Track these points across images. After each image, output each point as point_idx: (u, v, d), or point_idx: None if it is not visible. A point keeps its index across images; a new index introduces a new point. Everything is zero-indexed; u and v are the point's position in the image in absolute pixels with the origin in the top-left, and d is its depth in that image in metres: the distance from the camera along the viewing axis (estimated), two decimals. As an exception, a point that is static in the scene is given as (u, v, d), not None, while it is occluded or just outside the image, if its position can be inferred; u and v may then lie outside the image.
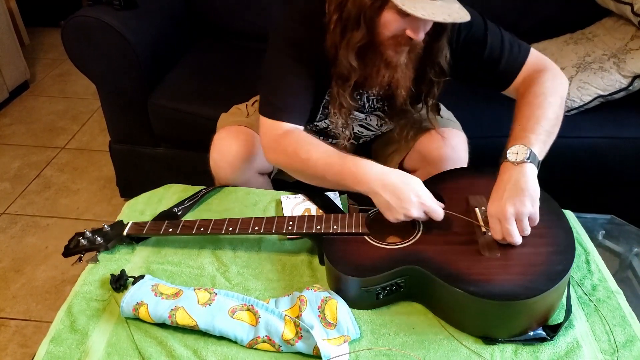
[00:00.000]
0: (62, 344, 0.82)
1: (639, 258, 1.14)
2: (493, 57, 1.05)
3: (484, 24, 1.05)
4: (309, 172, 0.99)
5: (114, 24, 1.48)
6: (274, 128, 1.03)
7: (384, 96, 1.16)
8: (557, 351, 0.81)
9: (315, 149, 0.98)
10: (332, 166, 0.95)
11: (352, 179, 0.92)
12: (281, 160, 1.03)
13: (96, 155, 2.20)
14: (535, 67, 1.05)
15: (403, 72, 1.01)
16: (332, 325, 0.81)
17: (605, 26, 1.63)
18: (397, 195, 0.88)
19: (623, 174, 1.54)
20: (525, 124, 0.95)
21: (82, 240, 0.98)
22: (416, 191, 0.89)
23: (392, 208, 0.89)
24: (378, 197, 0.90)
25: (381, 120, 1.23)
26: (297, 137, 1.02)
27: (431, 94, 1.11)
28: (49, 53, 3.05)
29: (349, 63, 0.99)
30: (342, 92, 1.06)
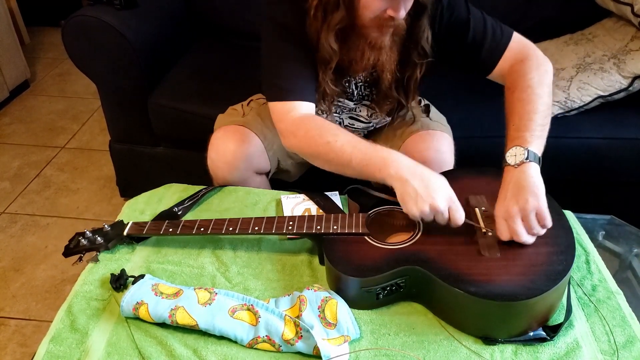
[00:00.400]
0: (62, 343, 0.82)
1: (639, 259, 1.14)
2: (476, 41, 1.06)
3: (466, 7, 1.06)
4: (332, 156, 0.95)
5: (114, 24, 1.48)
6: (289, 110, 1.01)
7: (371, 82, 1.16)
8: (557, 351, 0.81)
9: (342, 133, 0.96)
10: (361, 150, 0.92)
11: (380, 163, 0.89)
12: (302, 144, 0.99)
13: (96, 155, 2.20)
14: (518, 53, 1.06)
15: (388, 55, 1.02)
16: (332, 325, 0.81)
17: (605, 27, 1.63)
18: (426, 184, 0.86)
19: (623, 175, 1.54)
20: (519, 122, 0.95)
21: (82, 240, 0.98)
22: (446, 186, 0.88)
23: (419, 197, 0.85)
24: (406, 184, 0.86)
25: (371, 110, 1.23)
26: (320, 121, 0.99)
27: (414, 77, 1.11)
28: (49, 52, 3.05)
29: (329, 46, 1.00)
30: (324, 77, 1.06)
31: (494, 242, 0.88)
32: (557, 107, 1.51)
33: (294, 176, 1.37)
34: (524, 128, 0.94)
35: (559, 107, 1.51)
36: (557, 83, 1.53)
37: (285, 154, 1.28)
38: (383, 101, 1.19)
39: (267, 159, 1.23)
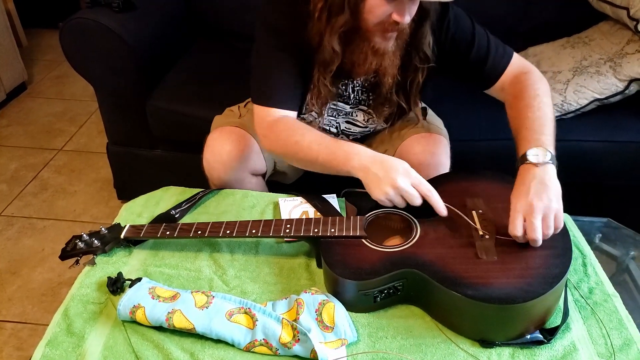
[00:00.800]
0: (59, 347, 0.82)
1: (635, 261, 1.14)
2: (480, 56, 1.09)
3: (472, 24, 1.09)
4: (301, 155, 0.99)
5: (112, 26, 1.48)
6: (266, 115, 1.05)
7: (369, 87, 1.17)
8: (554, 354, 0.81)
9: (309, 132, 1.00)
10: (326, 147, 0.96)
11: (343, 157, 0.93)
12: (275, 146, 1.04)
13: (94, 157, 2.20)
14: (519, 69, 1.10)
15: (390, 60, 1.03)
16: (330, 328, 0.81)
17: (602, 30, 1.64)
18: (386, 169, 0.89)
19: (620, 177, 1.55)
20: (534, 126, 0.97)
21: (79, 243, 0.98)
22: (404, 165, 0.90)
23: (379, 180, 0.88)
24: (368, 172, 0.90)
25: (367, 115, 1.23)
26: (290, 123, 1.04)
27: (415, 81, 1.13)
28: (47, 54, 3.05)
29: (332, 48, 1.01)
30: (322, 79, 1.07)
31: (491, 245, 0.88)
32: (554, 109, 1.52)
33: (291, 178, 1.37)
34: (540, 131, 0.95)
35: (556, 110, 1.52)
36: (553, 86, 1.53)
37: None
38: (381, 106, 1.20)
39: (262, 160, 1.23)
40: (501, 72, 1.10)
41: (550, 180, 0.88)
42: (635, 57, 1.45)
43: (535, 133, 0.95)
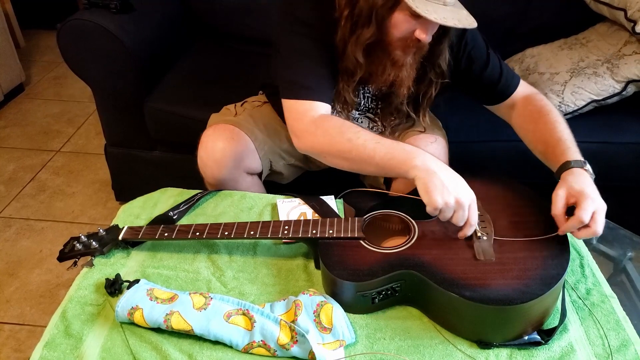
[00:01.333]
0: (57, 348, 0.82)
1: (633, 262, 1.14)
2: (493, 75, 1.13)
3: (486, 45, 1.13)
4: (354, 154, 0.94)
5: (110, 28, 1.48)
6: (308, 110, 1.00)
7: (379, 96, 1.18)
8: (552, 355, 0.81)
9: (362, 130, 0.96)
10: (384, 145, 0.92)
11: (404, 157, 0.89)
12: (322, 142, 0.98)
13: (92, 159, 2.20)
14: (530, 90, 1.15)
15: (407, 72, 1.05)
16: (328, 329, 0.81)
17: (599, 32, 1.64)
18: (453, 179, 0.86)
19: (617, 179, 1.55)
20: (570, 139, 1.01)
21: (77, 244, 0.98)
22: (468, 186, 0.88)
23: (445, 188, 0.84)
24: (433, 175, 0.86)
25: (372, 122, 1.24)
26: (339, 120, 0.99)
27: (428, 94, 1.15)
28: (45, 55, 3.05)
29: (355, 59, 1.01)
30: (346, 88, 1.08)
31: (489, 246, 0.88)
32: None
33: (287, 178, 1.37)
34: (575, 146, 0.99)
35: (554, 111, 1.52)
36: (551, 87, 1.54)
37: (277, 155, 1.28)
38: (390, 116, 1.21)
39: (257, 159, 1.23)
40: (513, 90, 1.14)
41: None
42: (633, 58, 1.45)
43: (574, 145, 0.99)
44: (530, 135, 1.08)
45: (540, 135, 1.05)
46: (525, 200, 0.98)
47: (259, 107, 1.31)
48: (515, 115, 1.14)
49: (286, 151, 1.30)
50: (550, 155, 1.00)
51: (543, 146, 1.04)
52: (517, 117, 1.13)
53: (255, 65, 1.78)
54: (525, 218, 0.93)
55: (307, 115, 1.00)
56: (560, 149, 0.99)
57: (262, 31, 1.83)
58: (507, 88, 1.14)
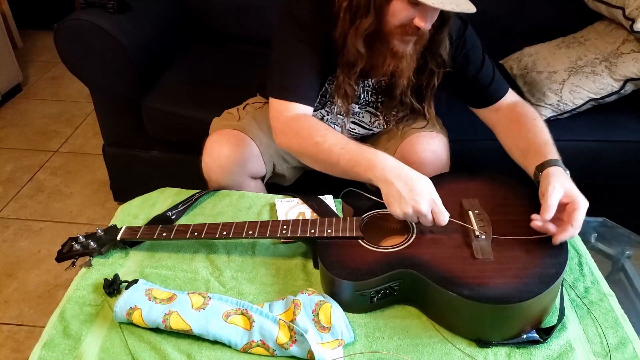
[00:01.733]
0: (55, 349, 0.81)
1: (631, 260, 1.15)
2: (486, 78, 1.14)
3: (482, 48, 1.15)
4: (322, 157, 0.97)
5: (107, 27, 1.48)
6: (285, 110, 1.03)
7: (379, 89, 1.18)
8: (550, 354, 0.81)
9: (330, 134, 0.97)
10: (349, 151, 0.94)
11: (366, 165, 0.91)
12: (293, 143, 1.01)
13: (90, 159, 2.19)
14: (517, 98, 1.17)
15: (407, 62, 1.05)
16: (327, 329, 0.81)
17: (597, 30, 1.64)
18: (410, 187, 0.87)
19: (615, 177, 1.55)
20: (550, 142, 1.02)
21: (75, 245, 0.98)
22: (429, 189, 0.89)
23: (402, 199, 0.87)
24: (390, 186, 0.88)
25: (373, 117, 1.24)
26: (311, 121, 1.01)
27: (431, 84, 1.15)
28: (42, 56, 3.04)
29: (356, 50, 1.01)
30: (347, 80, 1.08)
31: (487, 245, 0.88)
32: (549, 109, 1.52)
33: (289, 180, 1.37)
34: (554, 149, 1.00)
35: (552, 110, 1.52)
36: (549, 86, 1.54)
37: (280, 158, 1.28)
38: (391, 109, 1.21)
39: (262, 164, 1.23)
40: (501, 96, 1.15)
41: None
42: (631, 56, 1.46)
43: (554, 148, 1.00)
44: (514, 135, 1.08)
45: (525, 134, 1.05)
46: (524, 199, 0.98)
47: (260, 108, 1.31)
48: (499, 119, 1.14)
49: (289, 153, 1.30)
50: (532, 153, 1.00)
51: (525, 144, 1.03)
52: (502, 119, 1.14)
53: (253, 66, 1.78)
54: (524, 217, 0.93)
55: (283, 114, 1.03)
56: (547, 149, 0.99)
57: (259, 31, 1.83)
58: (496, 93, 1.15)
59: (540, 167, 0.96)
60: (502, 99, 1.15)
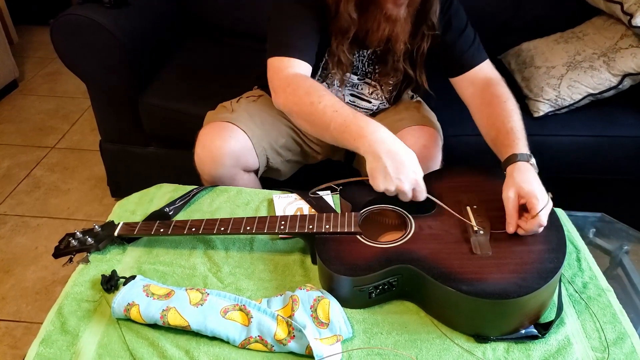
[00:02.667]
0: (53, 345, 0.81)
1: (629, 256, 1.15)
2: (464, 44, 1.15)
3: (467, 18, 1.15)
4: (314, 118, 0.96)
5: (104, 23, 1.47)
6: (285, 67, 1.03)
7: (376, 59, 1.19)
8: (549, 349, 0.81)
9: (327, 95, 0.97)
10: (341, 115, 0.93)
11: (356, 132, 0.90)
12: (289, 102, 1.00)
13: (87, 155, 2.19)
14: (493, 73, 1.16)
15: (402, 26, 1.06)
16: (325, 324, 0.81)
17: (596, 25, 1.64)
18: (396, 165, 0.87)
19: (613, 172, 1.56)
20: (519, 130, 1.01)
21: (72, 241, 0.97)
22: (415, 167, 0.89)
23: (387, 176, 0.88)
24: (378, 161, 0.88)
25: (372, 88, 1.25)
26: (309, 81, 1.00)
27: (421, 49, 1.16)
28: (38, 51, 3.03)
29: (348, 15, 1.02)
30: (341, 47, 1.09)
31: (485, 240, 0.88)
32: (547, 105, 1.52)
33: (285, 175, 1.36)
34: (523, 137, 1.00)
35: (550, 105, 1.52)
36: (547, 81, 1.53)
37: (274, 151, 1.28)
38: (387, 77, 1.22)
39: (255, 156, 1.22)
40: (477, 62, 1.15)
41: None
42: (629, 51, 1.45)
43: (524, 138, 1.00)
44: (485, 120, 1.09)
45: (494, 121, 1.05)
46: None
47: (254, 101, 1.31)
48: (473, 95, 1.14)
49: (283, 147, 1.30)
50: (500, 145, 1.01)
51: (495, 133, 1.04)
52: (475, 97, 1.14)
53: (249, 60, 1.77)
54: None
55: (283, 71, 1.02)
56: (510, 139, 0.99)
57: (256, 26, 1.82)
58: (471, 59, 1.15)
59: (504, 165, 0.97)
60: (477, 68, 1.15)
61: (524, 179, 0.91)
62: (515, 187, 0.90)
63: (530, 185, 0.89)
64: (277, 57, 1.03)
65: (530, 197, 0.88)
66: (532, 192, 0.88)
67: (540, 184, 0.91)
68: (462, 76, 1.16)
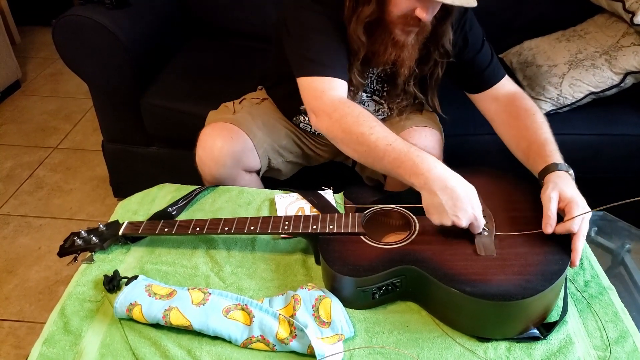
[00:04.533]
0: (56, 345, 0.82)
1: (631, 254, 1.15)
2: (483, 61, 1.15)
3: (482, 32, 1.15)
4: (364, 149, 0.92)
5: (105, 23, 1.47)
6: (326, 89, 0.97)
7: (385, 78, 1.19)
8: (550, 347, 0.81)
9: (379, 126, 0.93)
10: (395, 150, 0.89)
11: (411, 169, 0.87)
12: (336, 128, 0.95)
13: (89, 155, 2.19)
14: (514, 87, 1.16)
15: (409, 52, 1.05)
16: (326, 324, 0.81)
17: (597, 23, 1.63)
18: (454, 202, 0.84)
19: (615, 170, 1.55)
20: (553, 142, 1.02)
21: (77, 240, 0.98)
22: (473, 203, 0.86)
23: (443, 212, 0.85)
24: (433, 197, 0.85)
25: (378, 105, 1.25)
26: (359, 110, 0.95)
27: (435, 74, 1.16)
28: (41, 52, 3.03)
29: (358, 37, 1.01)
30: (351, 67, 1.07)
31: (490, 241, 0.87)
32: (549, 103, 1.52)
33: (286, 175, 1.36)
34: (557, 149, 1.00)
35: (551, 103, 1.52)
36: (549, 80, 1.53)
37: (276, 152, 1.28)
38: (396, 98, 1.21)
39: (256, 157, 1.22)
40: (498, 79, 1.15)
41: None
42: (631, 49, 1.45)
43: (558, 151, 1.00)
44: (514, 132, 1.08)
45: (524, 133, 1.05)
46: (526, 194, 0.97)
47: (257, 104, 1.31)
48: (497, 110, 1.14)
49: (285, 148, 1.30)
50: (535, 155, 1.00)
51: (526, 144, 1.03)
52: (501, 112, 1.13)
53: (252, 60, 1.77)
54: (526, 213, 0.93)
55: (326, 94, 0.97)
56: (547, 150, 0.99)
57: (258, 26, 1.82)
58: (492, 76, 1.15)
59: (542, 173, 0.96)
60: (498, 84, 1.15)
61: (567, 185, 0.91)
62: (558, 190, 0.90)
63: (573, 191, 0.90)
64: (313, 77, 0.98)
65: (571, 201, 0.88)
66: (573, 197, 0.88)
67: (581, 195, 0.91)
68: (483, 93, 1.16)
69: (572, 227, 0.86)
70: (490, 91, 1.15)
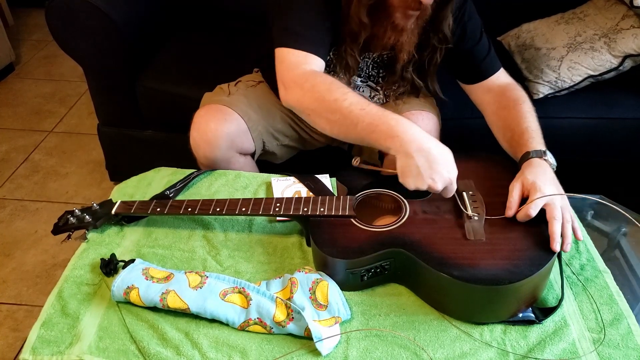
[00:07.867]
0: (54, 328, 0.82)
1: (627, 237, 1.15)
2: (480, 52, 1.15)
3: (481, 24, 1.15)
4: (337, 116, 0.90)
5: (99, 4, 1.45)
6: (301, 62, 0.95)
7: (381, 63, 1.18)
8: (546, 329, 0.82)
9: (351, 93, 0.90)
10: (369, 114, 0.87)
11: (387, 132, 0.85)
12: (308, 98, 0.93)
13: (85, 139, 2.18)
14: (509, 79, 1.16)
15: (408, 37, 1.05)
16: (323, 306, 0.81)
17: (597, 5, 1.62)
18: (430, 164, 0.83)
19: (612, 154, 1.55)
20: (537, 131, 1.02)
21: (71, 218, 0.98)
22: (449, 167, 0.86)
23: (419, 174, 0.84)
24: (409, 159, 0.84)
25: (374, 91, 1.24)
26: (331, 79, 0.93)
27: (433, 60, 1.15)
28: (34, 34, 2.99)
29: (359, 20, 1.00)
30: (350, 51, 1.07)
31: (480, 226, 0.87)
32: (547, 87, 1.51)
33: (281, 158, 1.36)
34: (541, 137, 1.01)
35: (550, 87, 1.51)
36: (547, 63, 1.52)
37: (270, 135, 1.27)
38: (392, 84, 1.20)
39: (250, 140, 1.21)
40: (495, 71, 1.15)
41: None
42: (630, 32, 1.44)
43: (538, 136, 1.00)
44: (501, 123, 1.08)
45: (509, 123, 1.05)
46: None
47: (253, 87, 1.30)
48: (489, 101, 1.14)
49: (280, 131, 1.29)
50: (515, 145, 1.01)
51: (510, 134, 1.04)
52: (492, 103, 1.13)
53: (247, 43, 1.76)
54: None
55: (299, 67, 0.95)
56: (524, 138, 0.99)
57: (254, 8, 1.80)
58: (489, 68, 1.15)
59: (520, 162, 0.98)
60: (493, 76, 1.15)
61: (531, 172, 0.92)
62: (522, 177, 0.91)
63: (535, 177, 0.90)
64: (290, 48, 0.96)
65: (531, 187, 0.89)
66: (534, 183, 0.89)
67: (549, 180, 0.91)
68: (478, 84, 1.16)
69: (530, 211, 0.86)
70: (485, 83, 1.16)
